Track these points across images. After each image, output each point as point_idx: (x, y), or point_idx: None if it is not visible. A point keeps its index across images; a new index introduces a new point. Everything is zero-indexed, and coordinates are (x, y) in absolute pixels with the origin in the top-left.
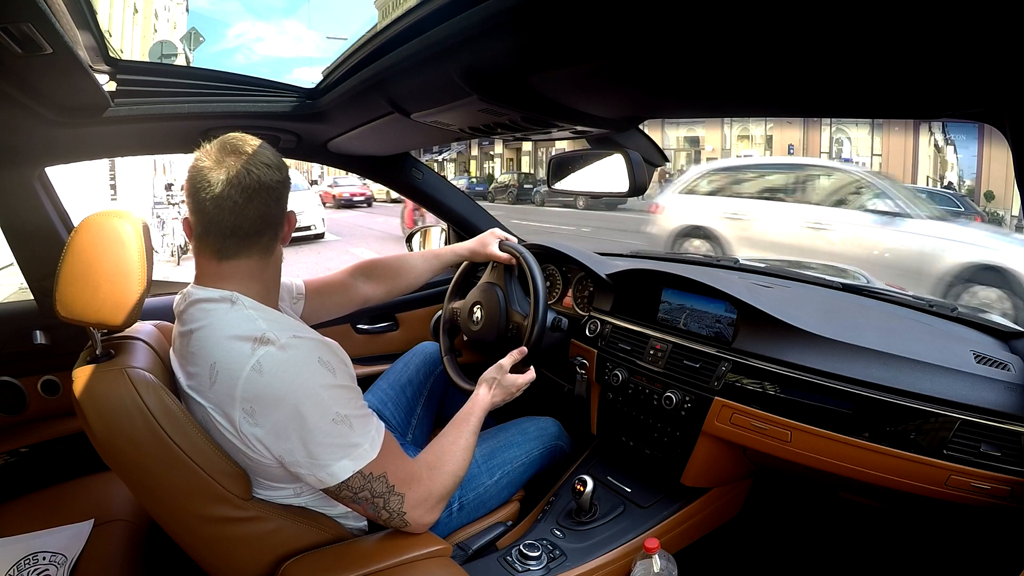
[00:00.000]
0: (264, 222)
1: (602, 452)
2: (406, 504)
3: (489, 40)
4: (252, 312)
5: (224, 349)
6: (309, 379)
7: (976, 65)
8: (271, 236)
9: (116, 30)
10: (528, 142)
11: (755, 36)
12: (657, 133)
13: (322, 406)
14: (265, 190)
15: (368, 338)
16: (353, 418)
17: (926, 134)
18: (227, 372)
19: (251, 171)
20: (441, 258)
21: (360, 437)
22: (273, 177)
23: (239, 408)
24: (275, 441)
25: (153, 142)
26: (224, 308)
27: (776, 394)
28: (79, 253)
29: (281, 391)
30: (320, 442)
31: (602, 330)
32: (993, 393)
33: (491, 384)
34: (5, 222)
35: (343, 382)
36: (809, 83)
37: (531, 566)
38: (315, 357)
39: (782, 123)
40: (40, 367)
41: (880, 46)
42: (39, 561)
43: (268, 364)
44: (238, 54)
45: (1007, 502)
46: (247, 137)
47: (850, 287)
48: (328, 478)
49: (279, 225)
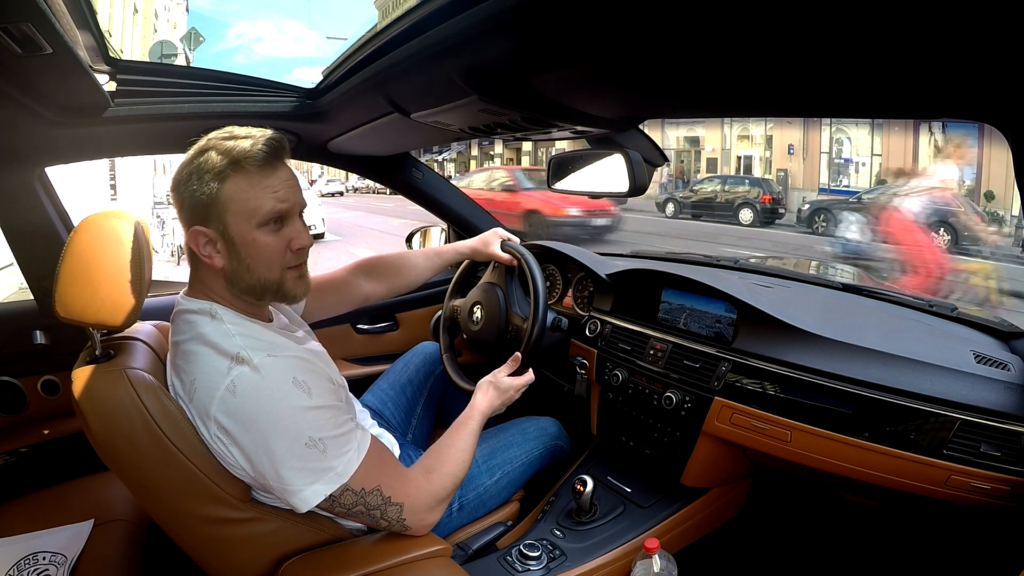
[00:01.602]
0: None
1: (602, 452)
2: (405, 511)
3: (489, 40)
4: (230, 327)
5: (201, 366)
6: (281, 402)
7: (976, 66)
8: (189, 247)
9: (116, 30)
10: (528, 142)
11: (755, 36)
12: (657, 133)
13: (294, 430)
14: (171, 191)
15: (368, 338)
16: (328, 440)
17: (926, 134)
18: (203, 389)
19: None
20: (442, 256)
21: (333, 460)
22: (177, 173)
23: (214, 426)
24: (247, 463)
25: (153, 142)
26: (205, 322)
27: (776, 394)
28: (79, 253)
29: (253, 414)
30: (291, 467)
31: (602, 330)
32: (993, 393)
33: (487, 389)
34: (5, 222)
35: (319, 402)
36: (808, 83)
37: (531, 566)
38: (289, 378)
39: (782, 123)
40: (40, 367)
41: (879, 46)
42: (39, 561)
43: (241, 385)
44: (238, 54)
45: (1007, 502)
46: (221, 131)
47: (850, 287)
48: (300, 503)
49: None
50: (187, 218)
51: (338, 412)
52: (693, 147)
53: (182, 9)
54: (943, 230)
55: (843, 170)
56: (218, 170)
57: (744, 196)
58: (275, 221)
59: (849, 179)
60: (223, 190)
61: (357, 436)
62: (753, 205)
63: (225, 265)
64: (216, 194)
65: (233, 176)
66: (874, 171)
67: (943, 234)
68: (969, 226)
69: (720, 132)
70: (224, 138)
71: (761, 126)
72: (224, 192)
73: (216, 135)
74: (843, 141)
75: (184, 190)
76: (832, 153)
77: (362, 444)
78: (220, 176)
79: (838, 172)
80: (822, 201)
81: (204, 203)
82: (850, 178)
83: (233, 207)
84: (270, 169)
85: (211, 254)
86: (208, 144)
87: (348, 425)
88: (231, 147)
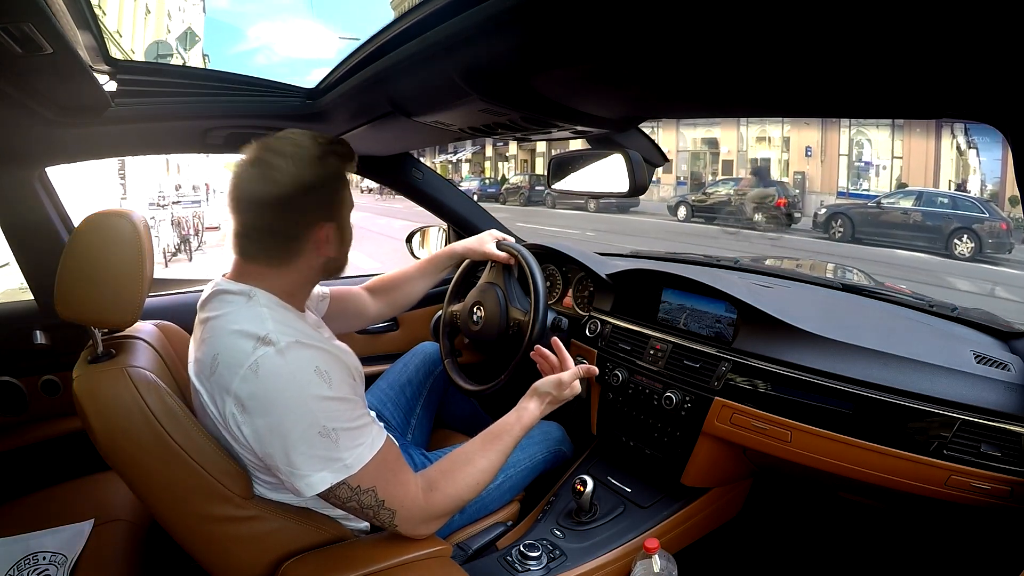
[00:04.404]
0: (265, 232)
1: (602, 452)
2: (397, 519)
3: (489, 40)
4: (264, 310)
5: (228, 342)
6: (301, 389)
7: (976, 66)
8: (283, 248)
9: (127, 30)
10: (542, 143)
11: (755, 35)
12: (672, 133)
13: (309, 417)
14: (255, 204)
15: (368, 338)
16: (342, 431)
17: (948, 136)
18: (227, 365)
19: (240, 184)
20: (435, 262)
21: (344, 452)
22: (265, 191)
23: (232, 402)
24: (259, 443)
25: (154, 142)
26: (240, 301)
27: (776, 394)
28: (80, 252)
29: (272, 396)
30: (302, 452)
31: (602, 330)
32: (993, 393)
33: (544, 400)
34: (5, 222)
35: (339, 394)
36: (808, 83)
37: (531, 566)
38: (312, 366)
39: (799, 124)
40: (40, 367)
41: (880, 45)
42: (39, 561)
43: (264, 366)
44: (259, 55)
45: (1007, 502)
46: (284, 144)
47: (850, 287)
48: (306, 488)
49: (292, 238)
50: (309, 219)
51: (355, 406)
52: (710, 148)
53: (198, 10)
54: (966, 237)
55: (863, 173)
56: (343, 173)
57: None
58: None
59: (869, 183)
60: (343, 191)
61: (372, 432)
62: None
63: (335, 252)
64: (343, 194)
65: (345, 179)
66: (894, 174)
67: (966, 241)
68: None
69: (736, 133)
70: (329, 144)
71: (779, 127)
72: (345, 191)
73: (307, 141)
74: (863, 143)
75: (308, 196)
76: (851, 155)
77: (375, 441)
78: (343, 177)
79: (857, 175)
80: (839, 205)
81: (334, 203)
82: (870, 181)
83: (348, 202)
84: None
85: (328, 246)
86: (316, 151)
87: (363, 420)
88: (345, 152)
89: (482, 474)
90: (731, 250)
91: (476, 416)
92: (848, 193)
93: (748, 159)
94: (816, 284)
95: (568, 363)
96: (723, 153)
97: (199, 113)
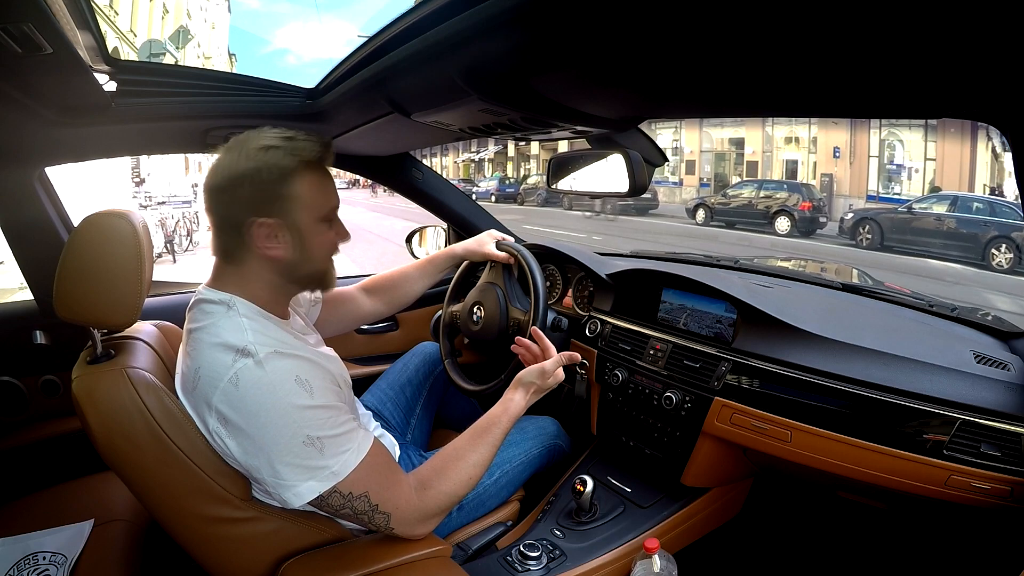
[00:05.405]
0: (216, 225)
1: (602, 452)
2: (393, 521)
3: (489, 40)
4: (244, 320)
5: (209, 356)
6: (281, 399)
7: (976, 66)
8: (231, 242)
9: (141, 30)
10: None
11: (755, 34)
12: (695, 133)
13: (292, 427)
14: (205, 194)
15: (368, 338)
16: (327, 439)
17: (983, 139)
18: (208, 379)
19: (215, 168)
20: (435, 262)
21: (330, 459)
22: (210, 181)
23: (214, 415)
24: (244, 455)
25: (154, 142)
26: (220, 311)
27: (776, 394)
28: (79, 252)
29: (254, 408)
30: (287, 463)
31: (602, 330)
32: (993, 393)
33: (529, 389)
34: (5, 222)
35: (321, 402)
36: (807, 82)
37: (531, 566)
38: (292, 376)
39: (827, 124)
40: (40, 367)
41: (880, 44)
42: (39, 561)
43: (245, 379)
44: (289, 56)
45: (1007, 502)
46: (241, 136)
47: (850, 287)
48: (294, 498)
49: (235, 232)
50: (244, 211)
51: (339, 412)
52: (736, 149)
53: (223, 9)
54: (1005, 246)
55: (894, 176)
56: (290, 168)
57: (782, 203)
58: (331, 217)
59: (900, 186)
60: (293, 186)
61: (357, 437)
62: (791, 213)
63: (286, 255)
64: (286, 189)
65: (303, 173)
66: (927, 178)
67: (1005, 251)
68: None
69: (761, 132)
70: (286, 138)
71: (807, 127)
72: (294, 188)
73: (270, 134)
74: (894, 145)
75: (242, 186)
76: (882, 157)
77: (362, 446)
78: (291, 173)
79: (888, 178)
80: (867, 210)
81: (271, 197)
82: (902, 185)
83: (303, 202)
84: (328, 171)
85: (272, 245)
86: (265, 142)
87: (348, 425)
88: (299, 147)
89: (474, 468)
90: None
91: (476, 416)
92: (878, 197)
93: (774, 160)
94: (816, 284)
95: (550, 352)
96: (747, 154)
97: (199, 113)
